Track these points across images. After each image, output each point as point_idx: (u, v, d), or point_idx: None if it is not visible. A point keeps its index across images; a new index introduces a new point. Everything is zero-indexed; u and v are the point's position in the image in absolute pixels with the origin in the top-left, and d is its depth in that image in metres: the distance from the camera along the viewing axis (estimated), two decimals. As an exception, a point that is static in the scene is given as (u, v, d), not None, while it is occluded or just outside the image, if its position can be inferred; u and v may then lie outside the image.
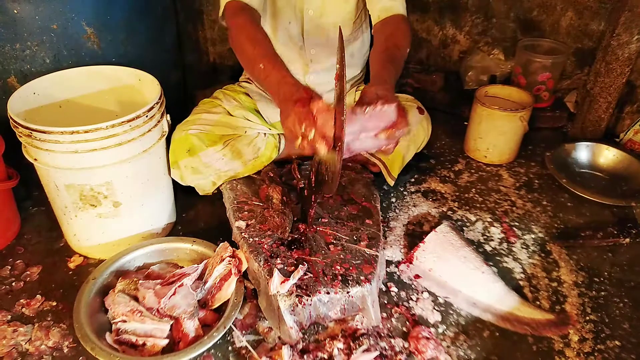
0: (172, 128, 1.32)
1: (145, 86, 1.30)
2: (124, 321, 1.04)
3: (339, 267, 1.10)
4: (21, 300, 1.16)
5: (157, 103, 1.17)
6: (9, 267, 1.26)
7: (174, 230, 1.40)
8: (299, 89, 1.00)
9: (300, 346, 1.05)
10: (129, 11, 1.48)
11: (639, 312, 1.15)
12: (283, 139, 1.51)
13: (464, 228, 1.41)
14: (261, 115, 1.50)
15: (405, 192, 1.55)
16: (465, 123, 1.77)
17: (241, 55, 1.18)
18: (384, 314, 1.12)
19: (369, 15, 1.44)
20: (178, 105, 1.68)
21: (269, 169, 1.44)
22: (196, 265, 1.15)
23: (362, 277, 1.08)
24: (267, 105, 1.52)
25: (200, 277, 1.14)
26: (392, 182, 1.47)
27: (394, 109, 0.90)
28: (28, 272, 1.24)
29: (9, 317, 1.12)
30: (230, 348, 1.05)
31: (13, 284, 1.21)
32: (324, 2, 1.36)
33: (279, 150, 1.49)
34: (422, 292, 1.19)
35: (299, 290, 1.04)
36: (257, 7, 1.25)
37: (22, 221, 1.40)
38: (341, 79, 0.91)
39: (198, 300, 1.08)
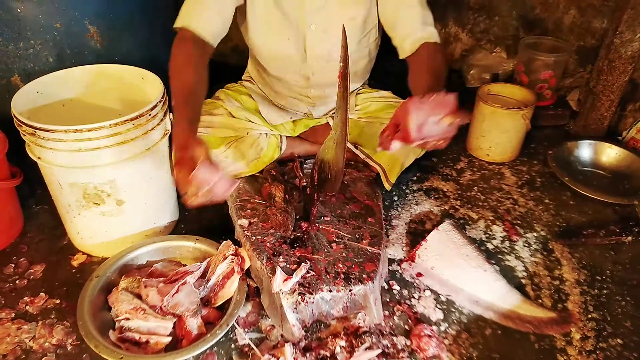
0: (174, 127, 1.33)
1: (148, 85, 1.31)
2: (127, 319, 1.04)
3: (341, 265, 1.10)
4: (25, 298, 1.17)
5: (160, 101, 1.18)
6: (13, 265, 1.26)
7: (177, 229, 1.40)
8: (191, 143, 0.97)
9: (302, 344, 1.05)
10: (132, 10, 1.48)
11: (641, 311, 1.15)
12: (285, 138, 1.51)
13: (466, 226, 1.41)
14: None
15: (407, 191, 1.55)
16: (468, 121, 1.76)
17: (170, 80, 1.14)
18: (386, 312, 1.13)
19: (379, 36, 1.41)
20: (180, 104, 1.68)
21: (271, 167, 1.44)
22: (199, 263, 1.16)
23: (364, 275, 1.08)
24: (268, 108, 1.51)
25: (203, 275, 1.14)
26: (388, 187, 1.46)
27: (453, 97, 0.92)
28: (32, 270, 1.25)
29: (13, 314, 1.13)
30: (232, 346, 1.06)
31: (17, 281, 1.22)
32: (329, 17, 1.30)
33: (281, 150, 1.49)
34: (424, 290, 1.19)
35: (301, 288, 1.05)
36: (211, 38, 1.21)
37: (26, 219, 1.41)
38: (345, 78, 0.91)
39: (201, 298, 1.09)
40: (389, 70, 1.58)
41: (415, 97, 0.90)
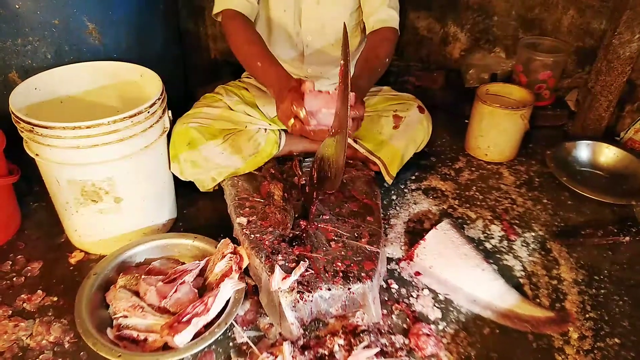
0: (173, 124, 1.32)
1: (147, 82, 1.30)
2: (125, 316, 1.04)
3: (340, 264, 1.10)
4: (22, 296, 1.16)
5: (158, 99, 1.17)
6: (10, 263, 1.26)
7: (175, 227, 1.40)
8: (292, 80, 1.16)
9: (301, 342, 1.05)
10: (131, 7, 1.47)
11: (638, 310, 1.15)
12: (283, 134, 1.51)
13: (465, 226, 1.41)
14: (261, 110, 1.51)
15: (405, 190, 1.55)
16: (466, 121, 1.77)
17: (239, 54, 1.31)
18: (385, 311, 1.13)
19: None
20: (179, 102, 1.68)
21: (270, 165, 1.44)
22: (197, 261, 1.15)
23: (363, 274, 1.08)
24: (265, 101, 1.52)
25: (201, 274, 1.14)
26: (390, 181, 1.47)
27: (353, 95, 1.04)
28: (29, 268, 1.24)
29: (10, 312, 1.12)
30: (231, 344, 1.06)
31: (14, 279, 1.21)
32: None
33: (279, 147, 1.49)
34: (422, 289, 1.19)
35: (300, 287, 1.05)
36: (249, 14, 1.37)
37: (23, 217, 1.40)
38: (346, 76, 0.91)
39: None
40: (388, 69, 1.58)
41: (313, 91, 1.08)
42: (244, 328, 1.09)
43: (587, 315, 1.14)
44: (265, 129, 1.46)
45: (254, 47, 1.29)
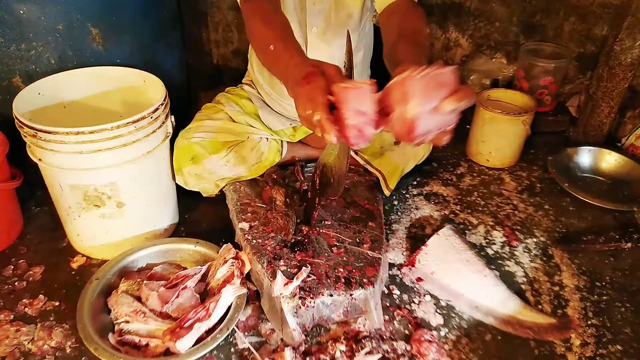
0: (175, 129, 1.33)
1: (150, 87, 1.31)
2: (127, 322, 1.04)
3: (342, 270, 1.10)
4: (24, 300, 1.16)
5: (162, 104, 1.18)
6: (12, 267, 1.26)
7: (177, 232, 1.40)
8: (306, 65, 0.83)
9: (302, 348, 1.05)
10: (134, 13, 1.48)
11: (640, 317, 1.15)
12: (285, 143, 1.51)
13: (466, 231, 1.41)
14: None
15: (407, 195, 1.55)
16: (468, 126, 1.77)
17: (253, 39, 1.06)
18: (386, 317, 1.12)
19: (372, 21, 1.43)
20: (181, 107, 1.68)
21: (272, 171, 1.44)
22: (199, 266, 1.15)
23: (365, 280, 1.08)
24: (268, 113, 1.51)
25: (203, 279, 1.14)
26: (388, 193, 1.47)
27: (451, 71, 0.64)
28: (31, 272, 1.24)
29: (12, 316, 1.12)
30: (232, 350, 1.05)
31: (16, 283, 1.21)
32: (327, 20, 1.31)
33: (281, 155, 1.49)
34: (424, 295, 1.19)
35: (302, 292, 1.05)
36: None
37: (25, 221, 1.40)
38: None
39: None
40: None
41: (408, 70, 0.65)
42: (246, 334, 1.08)
43: (589, 322, 1.14)
44: (267, 138, 1.46)
45: (270, 28, 1.00)
